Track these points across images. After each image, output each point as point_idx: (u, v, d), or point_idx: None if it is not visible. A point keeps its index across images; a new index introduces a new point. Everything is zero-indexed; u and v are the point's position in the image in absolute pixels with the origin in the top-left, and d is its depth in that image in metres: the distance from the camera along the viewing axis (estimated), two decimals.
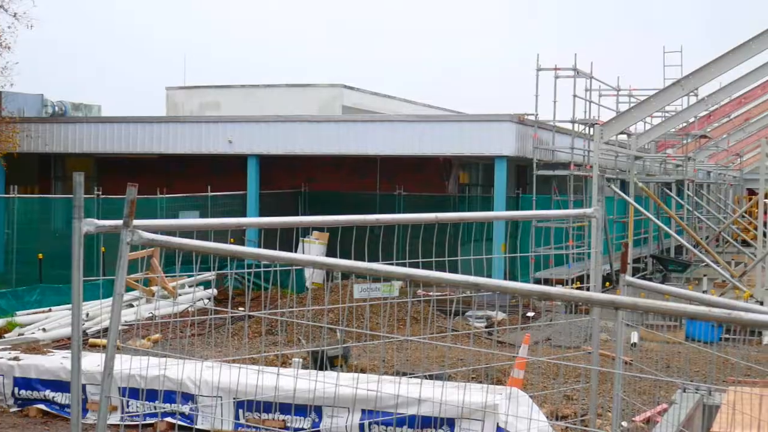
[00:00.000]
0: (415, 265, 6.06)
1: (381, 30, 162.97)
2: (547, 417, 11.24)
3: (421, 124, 28.08)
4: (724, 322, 3.73)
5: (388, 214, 6.82)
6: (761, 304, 21.93)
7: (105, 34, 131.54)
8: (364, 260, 5.18)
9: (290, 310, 7.48)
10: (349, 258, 5.31)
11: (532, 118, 26.87)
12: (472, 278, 4.16)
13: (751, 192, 50.84)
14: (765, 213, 28.85)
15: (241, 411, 9.77)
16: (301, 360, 13.16)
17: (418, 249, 6.88)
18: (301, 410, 8.91)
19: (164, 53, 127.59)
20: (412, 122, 28.41)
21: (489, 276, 5.47)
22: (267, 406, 9.09)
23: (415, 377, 7.86)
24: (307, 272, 22.82)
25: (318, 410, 9.05)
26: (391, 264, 5.41)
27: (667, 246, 35.94)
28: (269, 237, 23.27)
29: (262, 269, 8.57)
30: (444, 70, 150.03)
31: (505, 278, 22.87)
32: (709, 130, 35.18)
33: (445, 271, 4.94)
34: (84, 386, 10.57)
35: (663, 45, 39.60)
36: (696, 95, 28.92)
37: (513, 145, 26.12)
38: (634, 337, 19.32)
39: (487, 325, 20.81)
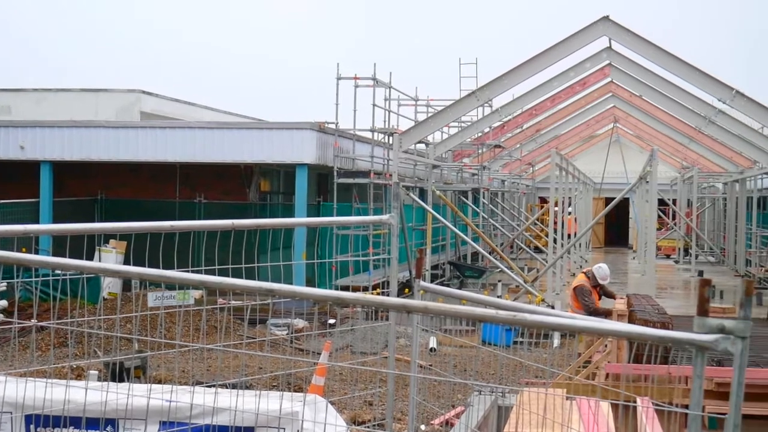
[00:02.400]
0: (211, 273, 5.97)
1: (180, 36, 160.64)
2: (347, 422, 11.32)
3: (222, 131, 27.83)
4: (510, 323, 3.84)
5: (183, 221, 6.70)
6: (552, 307, 22.79)
7: None
8: (159, 268, 5.07)
9: (81, 320, 7.24)
10: (144, 266, 5.19)
11: (333, 126, 27.06)
12: (266, 284, 4.14)
13: (543, 200, 52.84)
14: (555, 221, 30.04)
15: (32, 426, 9.38)
16: (97, 372, 12.77)
17: (216, 257, 6.80)
18: (94, 423, 8.62)
19: None
20: (213, 129, 28.13)
21: (291, 284, 5.46)
22: (58, 420, 8.75)
23: (210, 386, 7.73)
24: (104, 282, 22.21)
25: (113, 423, 8.77)
26: (186, 271, 5.32)
27: (464, 253, 36.87)
28: (65, 245, 22.53)
29: (51, 278, 8.26)
30: (245, 78, 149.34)
31: (306, 286, 22.91)
32: (502, 140, 36.32)
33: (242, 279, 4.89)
34: None
35: (459, 57, 40.60)
36: (490, 106, 29.83)
37: (314, 153, 26.23)
38: (432, 342, 19.74)
39: (288, 333, 20.79)
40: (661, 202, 42.56)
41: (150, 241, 6.50)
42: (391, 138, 27.20)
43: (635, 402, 8.62)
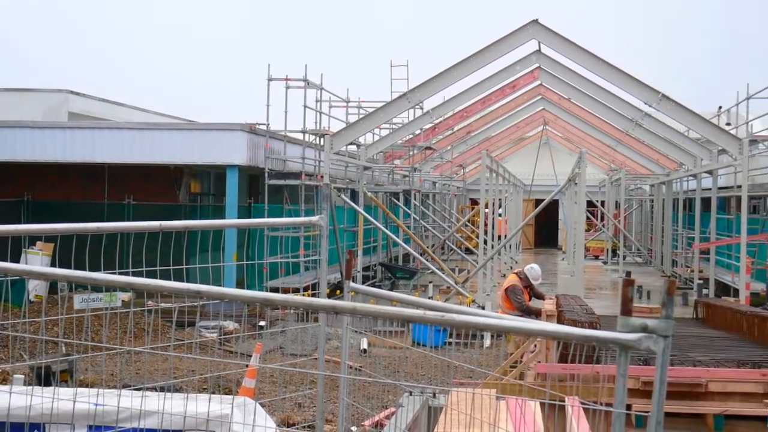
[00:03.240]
0: (139, 275, 5.91)
1: (108, 36, 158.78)
2: (277, 424, 11.28)
3: (152, 132, 27.54)
4: (438, 324, 3.86)
5: (110, 223, 6.62)
6: (482, 308, 22.95)
7: None
8: (85, 270, 5.01)
9: (6, 323, 7.11)
10: (70, 268, 5.12)
11: (264, 127, 26.93)
12: (194, 286, 4.11)
13: (474, 201, 53.21)
14: (486, 222, 30.25)
15: None
16: (23, 376, 12.56)
17: (143, 259, 6.73)
18: (20, 428, 8.48)
19: None
20: (142, 130, 27.82)
21: (221, 286, 5.42)
22: None
23: (137, 389, 7.65)
24: (31, 284, 21.87)
25: (39, 427, 8.63)
26: (113, 273, 5.26)
27: (395, 254, 36.96)
28: None
29: None
30: (176, 79, 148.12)
31: (237, 288, 22.75)
32: (434, 141, 36.46)
33: (172, 281, 4.85)
34: None
35: (390, 59, 40.70)
36: (421, 108, 29.90)
37: (244, 155, 26.09)
38: (364, 344, 19.76)
39: (218, 335, 20.67)
40: (590, 204, 43.18)
41: (77, 243, 6.42)
42: (322, 139, 27.16)
43: (564, 401, 8.72)
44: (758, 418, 12.02)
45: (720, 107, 38.34)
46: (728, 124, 35.66)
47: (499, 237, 33.92)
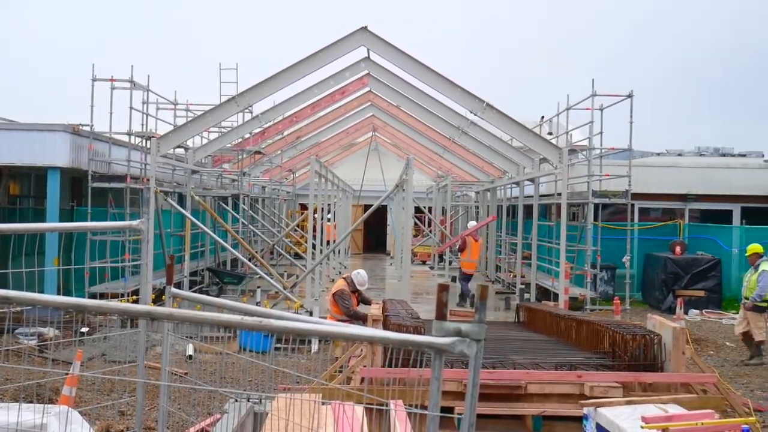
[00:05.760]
0: None
1: None
2: None
3: None
4: (255, 329, 3.85)
5: None
6: (311, 313, 23.00)
7: None
8: None
9: None
10: None
11: (88, 128, 26.26)
12: (2, 291, 3.97)
13: (303, 206, 53.24)
14: (314, 227, 30.31)
15: None
16: None
17: None
18: None
19: None
20: None
21: (42, 291, 5.26)
22: None
23: None
24: None
25: None
26: None
27: (224, 259, 36.62)
28: None
29: None
30: None
31: (58, 293, 22.10)
32: (263, 146, 36.29)
33: None
34: None
35: (219, 62, 40.35)
36: (251, 112, 29.74)
37: (67, 156, 25.38)
38: (190, 350, 19.50)
39: (39, 342, 20.04)
40: (418, 210, 43.87)
41: None
42: (148, 142, 26.68)
43: (388, 405, 8.82)
44: (574, 418, 12.44)
45: (542, 117, 39.58)
46: (550, 133, 36.91)
47: (328, 242, 34.04)
